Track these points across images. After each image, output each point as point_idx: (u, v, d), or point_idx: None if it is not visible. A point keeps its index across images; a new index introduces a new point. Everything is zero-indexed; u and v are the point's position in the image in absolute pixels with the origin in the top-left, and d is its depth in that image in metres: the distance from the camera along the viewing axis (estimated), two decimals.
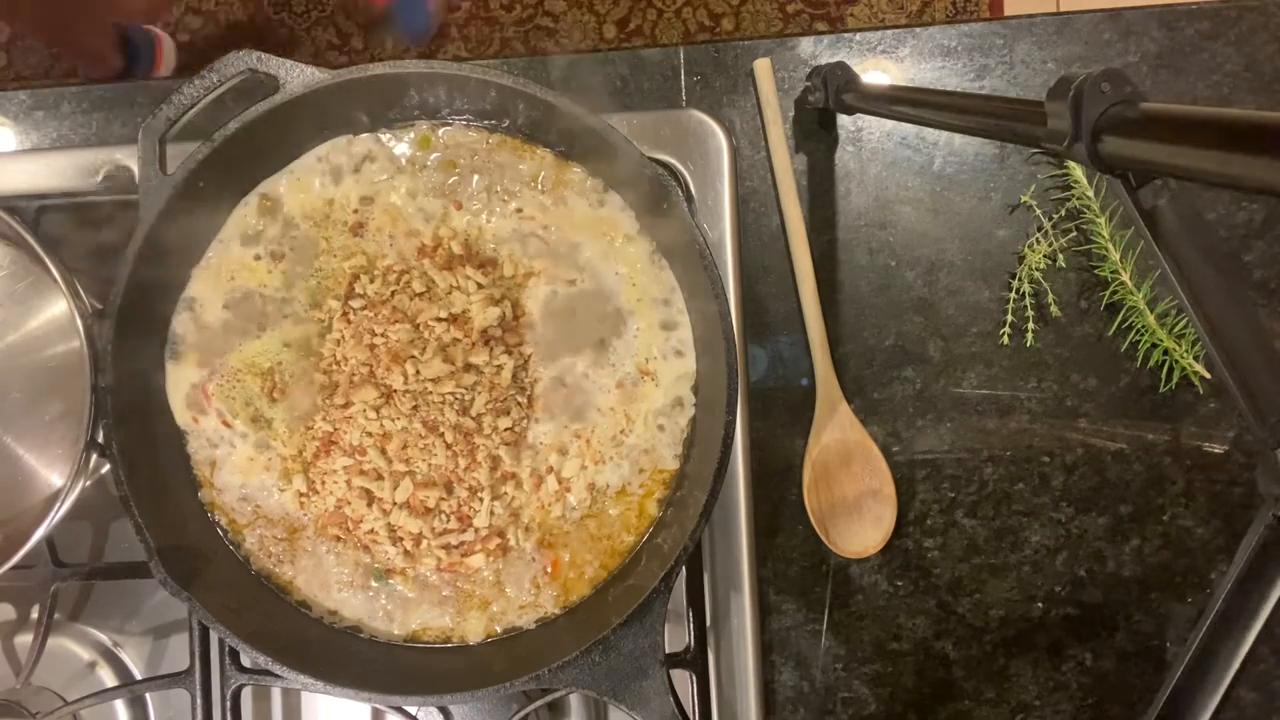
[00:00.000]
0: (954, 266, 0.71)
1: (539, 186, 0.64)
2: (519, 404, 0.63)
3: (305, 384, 0.63)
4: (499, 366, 0.63)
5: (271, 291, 0.64)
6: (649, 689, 0.58)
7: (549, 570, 0.63)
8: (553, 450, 0.64)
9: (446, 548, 0.63)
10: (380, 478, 0.62)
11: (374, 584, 0.64)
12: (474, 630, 0.63)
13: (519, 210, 0.64)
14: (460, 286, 0.63)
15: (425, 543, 0.62)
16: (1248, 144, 0.32)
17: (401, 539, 0.62)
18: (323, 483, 0.63)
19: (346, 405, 0.62)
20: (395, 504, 0.62)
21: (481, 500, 0.62)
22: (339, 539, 0.64)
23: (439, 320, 0.62)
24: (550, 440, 0.64)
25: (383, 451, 0.62)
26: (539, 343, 0.64)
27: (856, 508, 0.70)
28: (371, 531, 0.62)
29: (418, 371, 0.61)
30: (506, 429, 0.63)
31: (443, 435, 0.62)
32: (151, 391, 0.63)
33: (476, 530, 0.63)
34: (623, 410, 0.64)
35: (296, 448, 0.63)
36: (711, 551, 0.68)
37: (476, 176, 0.64)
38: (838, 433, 0.69)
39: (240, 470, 0.63)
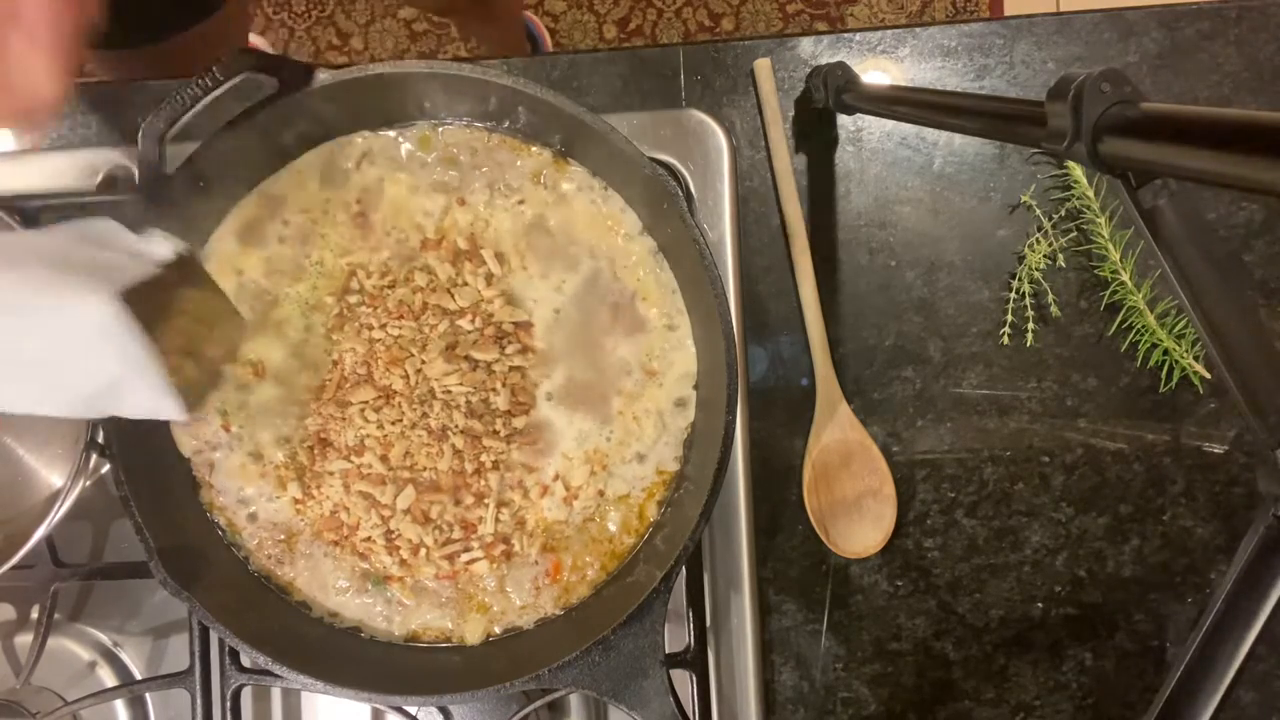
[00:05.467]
0: (954, 266, 0.71)
1: (541, 183, 0.64)
2: (532, 405, 0.63)
3: (300, 383, 0.63)
4: (512, 367, 0.62)
5: (271, 289, 0.64)
6: (649, 689, 0.58)
7: (550, 573, 0.63)
8: (560, 456, 0.64)
9: (450, 557, 0.62)
10: (382, 482, 0.62)
11: (371, 588, 0.64)
12: (474, 631, 0.63)
13: (521, 201, 0.64)
14: (467, 281, 0.62)
15: (424, 551, 0.62)
16: (1248, 144, 0.32)
17: (399, 547, 0.62)
18: (319, 487, 0.63)
19: (343, 405, 0.62)
20: (396, 510, 0.62)
21: (487, 507, 0.62)
22: (336, 544, 0.63)
23: (443, 312, 0.62)
24: (559, 445, 0.64)
25: (383, 457, 0.62)
26: (548, 341, 0.64)
27: (856, 507, 0.70)
28: (368, 539, 0.62)
29: (419, 370, 0.61)
30: (518, 432, 0.62)
31: (450, 440, 0.61)
32: None
33: (481, 538, 0.62)
34: (630, 412, 0.64)
35: (288, 454, 0.63)
36: (711, 551, 0.68)
37: (478, 172, 0.64)
38: (838, 433, 0.69)
39: (236, 475, 0.63)
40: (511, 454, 0.63)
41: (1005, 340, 0.71)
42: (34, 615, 0.69)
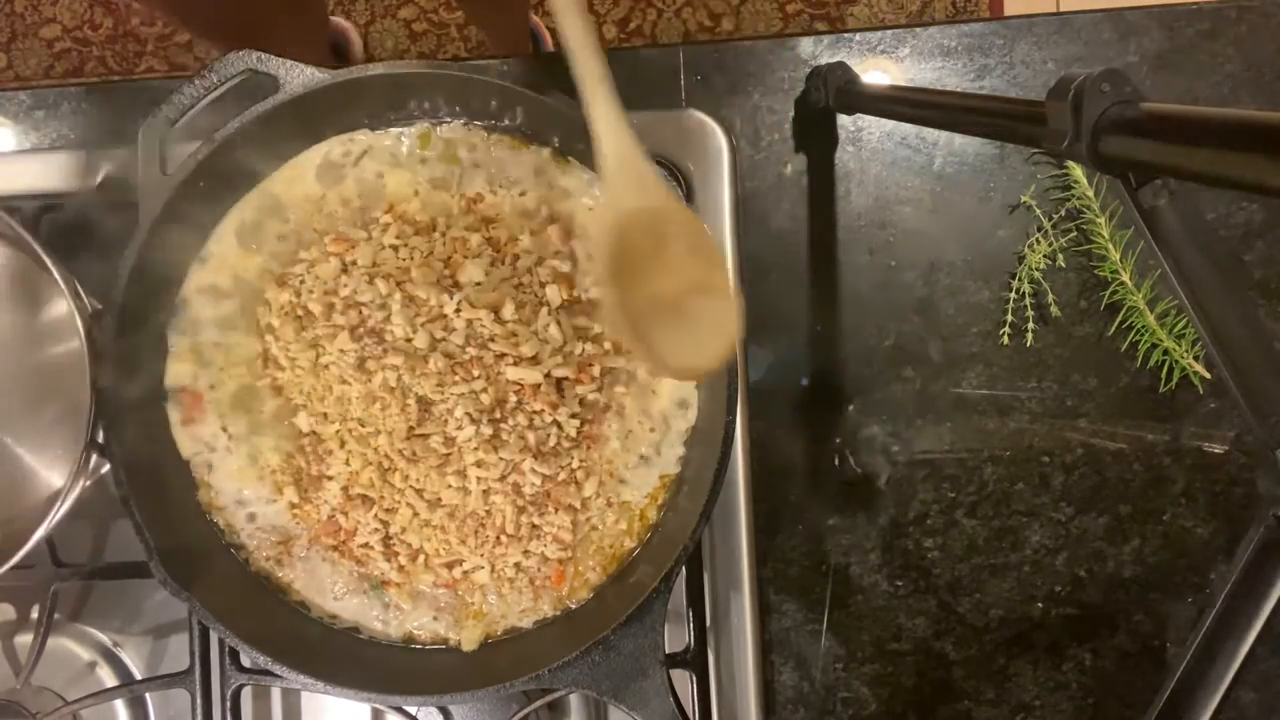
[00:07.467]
0: (954, 266, 0.71)
1: (543, 181, 0.64)
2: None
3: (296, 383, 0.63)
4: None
5: (271, 287, 0.63)
6: (649, 689, 0.58)
7: (553, 580, 0.63)
8: (565, 468, 0.63)
9: (450, 565, 0.62)
10: (381, 497, 0.61)
11: (369, 591, 0.63)
12: (470, 637, 0.63)
13: (522, 193, 0.64)
14: (476, 254, 0.61)
15: (423, 559, 0.62)
16: (1248, 144, 0.32)
17: (397, 553, 0.62)
18: (317, 491, 0.62)
19: (341, 400, 0.61)
20: (397, 521, 0.61)
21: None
22: (334, 549, 0.63)
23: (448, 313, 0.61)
24: (567, 453, 0.62)
25: (380, 469, 0.61)
26: (557, 340, 0.63)
27: (680, 309, 0.48)
28: (366, 545, 0.62)
29: (412, 367, 0.60)
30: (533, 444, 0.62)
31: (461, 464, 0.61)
32: (151, 391, 0.63)
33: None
34: (636, 417, 0.63)
35: (284, 456, 0.63)
36: (711, 551, 0.68)
37: (479, 168, 0.64)
38: (640, 198, 0.48)
39: (234, 477, 0.63)
40: (530, 463, 0.62)
41: (1005, 340, 0.71)
42: (34, 615, 0.69)
